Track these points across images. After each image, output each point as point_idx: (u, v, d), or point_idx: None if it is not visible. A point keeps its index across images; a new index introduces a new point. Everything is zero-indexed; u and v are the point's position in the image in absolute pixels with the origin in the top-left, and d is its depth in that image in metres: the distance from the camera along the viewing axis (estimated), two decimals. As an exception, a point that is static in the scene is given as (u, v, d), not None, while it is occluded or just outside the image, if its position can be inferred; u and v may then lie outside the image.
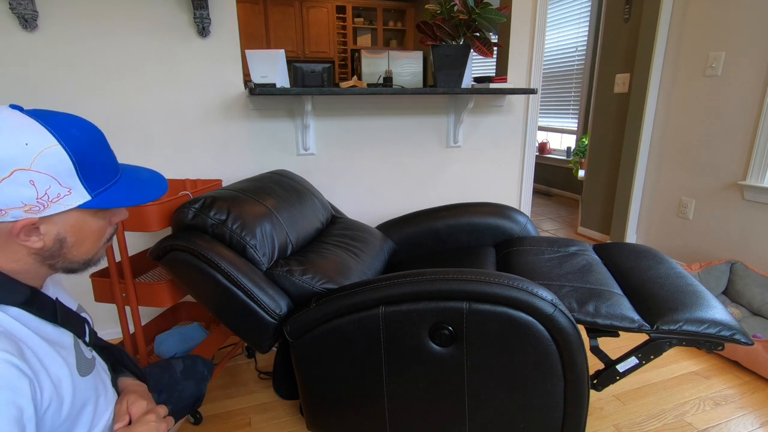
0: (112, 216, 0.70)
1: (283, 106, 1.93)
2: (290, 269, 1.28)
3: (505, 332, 1.03)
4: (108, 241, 0.71)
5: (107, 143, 0.66)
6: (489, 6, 1.79)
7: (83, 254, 0.67)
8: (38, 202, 0.57)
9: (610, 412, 1.48)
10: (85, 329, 0.74)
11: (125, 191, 0.67)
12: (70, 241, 0.64)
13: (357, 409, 1.21)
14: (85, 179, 0.61)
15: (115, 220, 0.71)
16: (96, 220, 0.66)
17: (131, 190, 0.68)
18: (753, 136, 2.10)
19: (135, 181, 0.70)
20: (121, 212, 0.72)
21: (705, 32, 2.27)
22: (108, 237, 0.71)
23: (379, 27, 5.74)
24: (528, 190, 2.53)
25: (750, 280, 2.03)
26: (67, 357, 0.65)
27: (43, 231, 0.60)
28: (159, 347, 1.50)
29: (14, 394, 0.54)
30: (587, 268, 1.40)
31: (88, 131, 0.63)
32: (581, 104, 4.19)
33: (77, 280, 1.77)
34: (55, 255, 0.63)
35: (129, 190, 0.67)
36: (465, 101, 2.10)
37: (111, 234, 0.72)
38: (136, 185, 0.69)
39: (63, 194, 0.59)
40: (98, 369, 0.74)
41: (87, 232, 0.65)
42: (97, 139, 0.64)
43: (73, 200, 0.60)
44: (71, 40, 1.60)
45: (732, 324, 1.10)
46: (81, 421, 0.66)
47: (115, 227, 0.73)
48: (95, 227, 0.66)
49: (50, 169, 0.57)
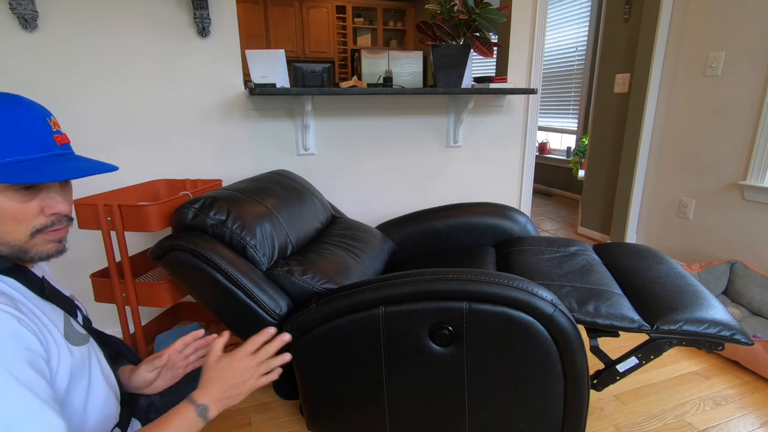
0: (44, 205, 0.63)
1: (283, 106, 1.93)
2: (290, 269, 1.28)
3: (505, 332, 1.03)
4: (43, 231, 0.64)
5: (36, 120, 0.61)
6: (489, 6, 1.79)
7: (9, 235, 0.61)
8: None
9: (610, 412, 1.48)
10: (76, 311, 0.73)
11: (32, 170, 0.59)
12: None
13: (357, 408, 1.21)
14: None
15: (50, 212, 0.63)
16: (7, 201, 0.59)
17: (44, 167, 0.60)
18: (753, 136, 2.10)
19: (64, 163, 0.62)
20: (59, 204, 0.64)
21: (705, 32, 2.27)
22: (38, 227, 0.63)
23: (379, 27, 5.74)
24: (528, 190, 2.53)
25: (750, 280, 2.03)
26: (58, 326, 0.64)
27: None
28: (159, 347, 1.50)
29: (20, 338, 0.54)
30: (587, 268, 1.40)
31: (9, 99, 0.59)
32: (581, 104, 4.19)
33: (77, 280, 1.77)
34: None
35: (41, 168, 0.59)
36: (465, 101, 2.10)
37: (44, 225, 0.63)
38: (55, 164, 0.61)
39: None
40: (92, 345, 0.73)
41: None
42: (17, 111, 0.59)
43: None
44: (71, 40, 1.60)
45: (732, 324, 1.10)
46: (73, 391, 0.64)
47: (54, 219, 0.64)
48: (7, 208, 0.60)
49: None
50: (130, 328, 1.40)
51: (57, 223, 0.65)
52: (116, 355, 0.85)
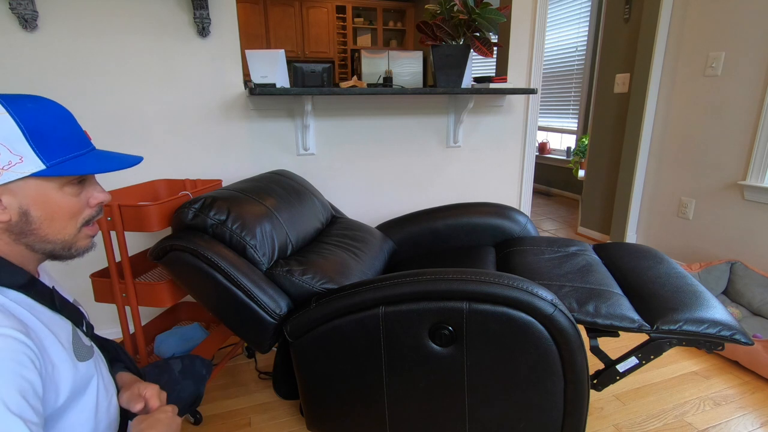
0: (89, 197, 0.68)
1: (283, 106, 1.93)
2: (290, 269, 1.28)
3: (505, 332, 1.03)
4: (88, 223, 0.69)
5: (72, 120, 0.66)
6: (489, 6, 1.79)
7: (57, 233, 0.65)
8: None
9: (610, 412, 1.48)
10: (82, 320, 0.74)
11: (88, 162, 0.65)
12: (36, 216, 0.63)
13: (357, 409, 1.21)
14: (39, 148, 0.61)
15: (94, 202, 0.69)
16: (63, 196, 0.64)
17: (96, 161, 0.66)
18: (753, 136, 2.10)
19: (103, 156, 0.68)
20: (100, 194, 0.70)
21: (705, 32, 2.27)
22: (86, 218, 0.68)
23: (379, 27, 5.74)
24: (528, 190, 2.53)
25: (750, 280, 2.03)
26: (65, 342, 0.65)
27: (6, 202, 0.60)
28: (159, 347, 1.50)
29: (22, 367, 0.54)
30: (587, 268, 1.40)
31: (47, 106, 0.64)
32: (581, 104, 4.19)
33: (77, 280, 1.77)
34: (25, 231, 0.63)
35: (93, 162, 0.66)
36: (465, 101, 2.10)
37: (91, 216, 0.69)
38: (102, 158, 0.68)
39: (14, 162, 0.59)
40: (96, 357, 0.74)
41: (53, 206, 0.64)
42: (57, 113, 0.64)
43: (25, 168, 0.60)
44: (71, 40, 1.60)
45: (732, 324, 1.10)
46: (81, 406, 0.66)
47: (96, 210, 0.70)
48: (63, 203, 0.65)
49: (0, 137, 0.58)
50: (130, 328, 1.40)
51: (97, 214, 0.71)
52: (113, 359, 0.85)
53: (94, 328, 0.80)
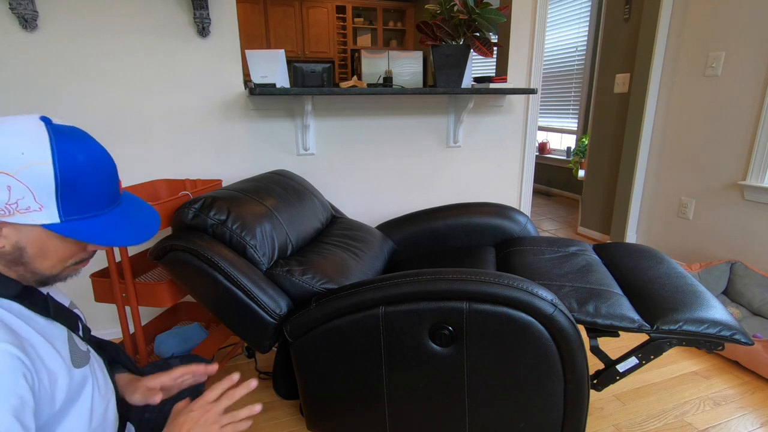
0: (87, 244, 0.67)
1: (283, 106, 1.93)
2: (290, 269, 1.28)
3: (505, 332, 1.03)
4: (79, 264, 0.69)
5: (114, 176, 0.65)
6: (489, 6, 1.79)
7: (47, 269, 0.65)
8: (6, 206, 0.57)
9: (610, 412, 1.48)
10: (78, 324, 0.74)
11: (102, 228, 0.64)
12: (30, 253, 0.62)
13: (357, 409, 1.21)
14: (63, 204, 0.60)
15: (92, 249, 0.69)
16: (63, 243, 0.64)
17: (109, 228, 0.65)
18: (753, 136, 2.10)
19: (121, 221, 0.67)
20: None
21: (705, 32, 2.27)
22: (78, 260, 0.68)
23: (379, 27, 5.74)
24: (528, 190, 2.53)
25: (750, 280, 2.03)
26: (61, 349, 0.65)
27: (5, 233, 0.60)
28: (159, 347, 1.50)
29: (15, 384, 0.54)
30: (587, 268, 1.40)
31: (97, 161, 0.62)
32: (581, 104, 4.19)
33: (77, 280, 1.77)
34: (17, 261, 0.62)
35: (106, 228, 0.65)
36: (465, 101, 2.10)
37: (83, 258, 0.69)
38: (118, 225, 0.66)
39: (33, 209, 0.59)
40: (93, 362, 0.74)
41: (50, 250, 0.63)
42: (101, 169, 0.63)
43: (39, 218, 0.59)
44: (71, 40, 1.60)
45: (732, 324, 1.10)
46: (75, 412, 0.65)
47: (91, 253, 0.70)
48: (61, 249, 0.64)
49: (32, 183, 0.57)
50: (130, 328, 1.40)
51: (90, 257, 0.70)
52: (113, 361, 0.85)
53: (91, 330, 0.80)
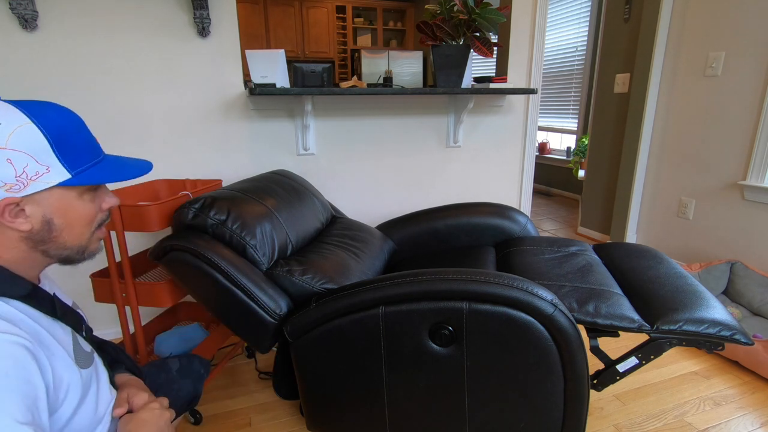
0: (101, 202, 0.70)
1: (283, 106, 1.93)
2: (290, 269, 1.28)
3: (505, 332, 1.03)
4: (100, 227, 0.71)
5: (86, 127, 0.68)
6: (489, 6, 1.79)
7: (75, 239, 0.67)
8: (17, 180, 0.58)
9: (610, 412, 1.48)
10: (81, 324, 0.74)
11: (107, 170, 0.67)
12: (58, 224, 0.64)
13: (357, 409, 1.21)
14: (64, 158, 0.62)
15: (106, 206, 0.71)
16: (83, 203, 0.66)
17: (113, 169, 0.68)
18: (753, 136, 2.10)
19: (117, 163, 0.71)
20: (111, 198, 0.72)
21: (705, 32, 2.27)
22: (99, 222, 0.70)
23: (379, 27, 5.74)
24: (528, 190, 2.53)
25: (750, 280, 2.03)
26: (67, 349, 0.66)
27: (29, 212, 0.61)
28: (159, 347, 1.50)
29: (28, 372, 0.55)
30: (587, 268, 1.40)
31: (65, 114, 0.64)
32: (581, 104, 4.19)
33: (77, 280, 1.77)
34: (45, 239, 0.64)
35: (111, 169, 0.68)
36: (465, 101, 2.10)
37: (103, 220, 0.71)
38: (118, 165, 0.70)
39: (41, 172, 0.60)
40: (96, 363, 0.74)
41: (74, 214, 0.65)
42: (75, 121, 0.65)
43: (52, 178, 0.61)
44: (71, 40, 1.60)
45: (732, 324, 1.10)
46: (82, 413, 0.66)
47: (107, 214, 0.73)
48: (83, 210, 0.66)
49: (26, 147, 0.58)
50: (130, 328, 1.40)
51: (107, 218, 0.73)
52: (113, 361, 0.85)
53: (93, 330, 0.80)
